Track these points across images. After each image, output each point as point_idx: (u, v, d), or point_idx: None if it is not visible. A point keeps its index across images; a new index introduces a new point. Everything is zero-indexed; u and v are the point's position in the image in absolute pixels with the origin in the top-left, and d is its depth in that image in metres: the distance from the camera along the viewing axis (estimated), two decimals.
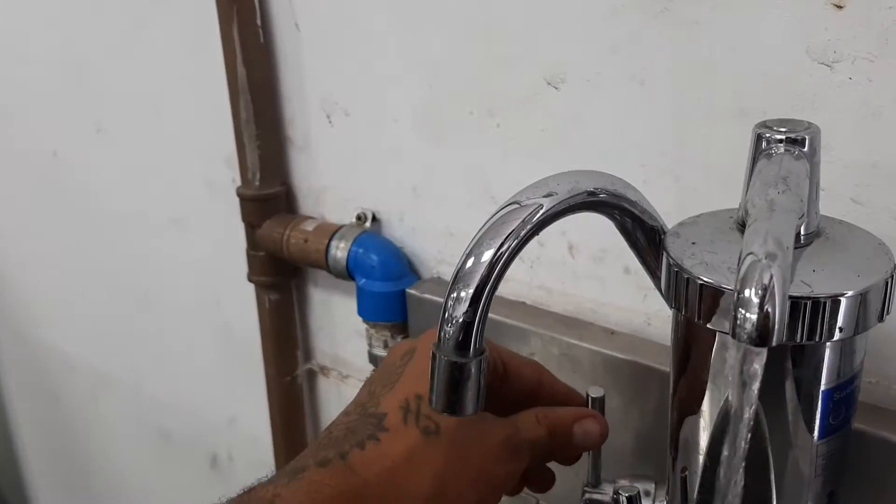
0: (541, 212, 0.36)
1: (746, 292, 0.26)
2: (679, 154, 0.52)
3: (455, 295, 0.35)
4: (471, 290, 0.35)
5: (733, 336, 0.26)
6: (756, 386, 0.26)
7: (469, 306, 0.35)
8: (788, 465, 0.38)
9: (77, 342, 1.15)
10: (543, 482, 0.47)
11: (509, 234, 0.36)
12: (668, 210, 0.44)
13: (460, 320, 0.35)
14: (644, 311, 0.58)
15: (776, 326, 0.26)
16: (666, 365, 0.54)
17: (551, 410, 0.43)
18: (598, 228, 0.58)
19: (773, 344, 0.26)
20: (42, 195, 1.08)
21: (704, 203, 0.45)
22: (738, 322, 0.26)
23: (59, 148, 1.01)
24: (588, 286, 0.60)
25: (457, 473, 0.38)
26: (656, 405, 0.55)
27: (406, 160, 0.67)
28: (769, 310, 0.26)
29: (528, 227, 0.36)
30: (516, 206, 0.37)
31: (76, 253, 1.07)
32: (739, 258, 0.27)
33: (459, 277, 0.36)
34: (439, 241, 0.68)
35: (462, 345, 0.36)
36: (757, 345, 0.26)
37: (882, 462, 0.46)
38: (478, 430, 0.40)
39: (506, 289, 0.64)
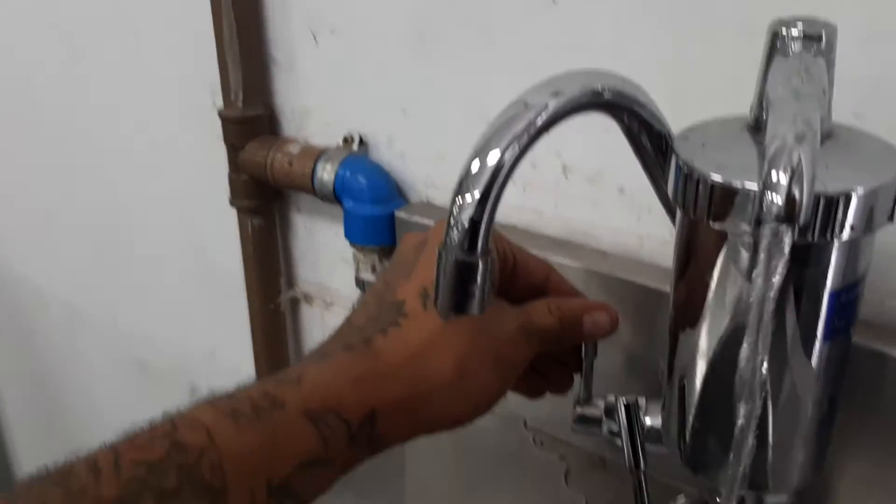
0: (547, 111, 0.35)
1: (774, 173, 0.26)
2: (680, 68, 0.52)
3: (462, 195, 0.35)
4: (478, 192, 0.35)
5: (757, 221, 0.26)
6: (781, 272, 0.26)
7: (478, 205, 0.35)
8: (791, 367, 0.38)
9: (50, 276, 1.13)
10: (562, 383, 0.49)
11: (515, 137, 0.35)
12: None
13: (468, 220, 0.35)
14: (637, 233, 0.58)
15: (804, 205, 0.25)
16: (659, 284, 0.54)
17: (563, 301, 0.44)
18: (593, 148, 0.58)
19: (801, 223, 0.25)
20: (14, 123, 1.04)
21: (708, 117, 0.44)
22: (766, 202, 0.26)
23: (33, 74, 0.97)
24: (581, 208, 0.60)
25: (477, 356, 0.39)
26: (648, 325, 0.55)
27: (395, 80, 0.66)
28: (797, 189, 0.25)
29: (535, 127, 0.35)
30: (523, 106, 0.36)
31: (49, 183, 1.04)
32: (767, 141, 0.27)
33: (466, 178, 0.35)
34: (429, 165, 0.67)
35: (470, 244, 0.35)
36: (783, 221, 0.25)
37: (873, 374, 0.47)
38: (495, 317, 0.41)
39: (497, 212, 0.64)
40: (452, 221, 0.35)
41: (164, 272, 0.95)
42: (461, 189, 0.35)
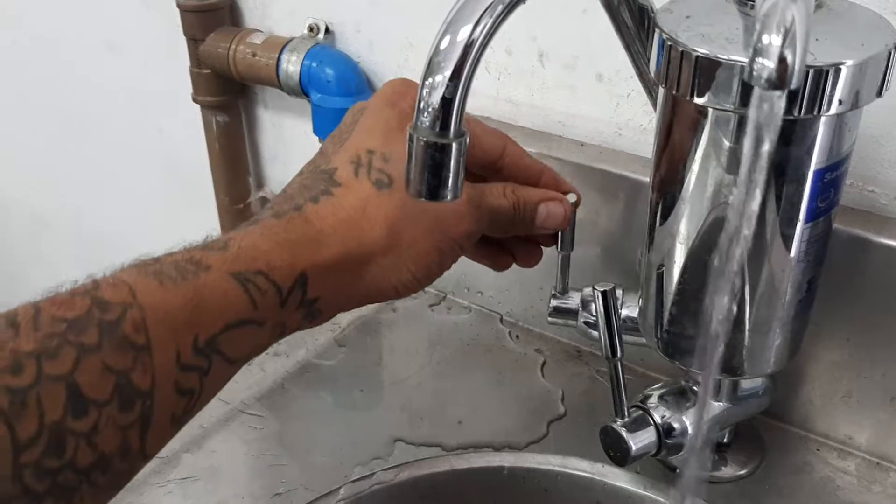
0: None
1: (766, 36, 0.24)
2: None
3: (432, 76, 0.32)
4: (449, 70, 0.32)
5: (749, 78, 0.24)
6: (773, 137, 0.24)
7: (450, 82, 0.32)
8: (772, 249, 0.37)
9: (11, 181, 1.09)
10: (529, 257, 0.47)
11: (486, 10, 0.33)
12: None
13: (439, 99, 0.33)
14: (615, 122, 0.56)
15: (796, 69, 0.24)
16: (637, 174, 0.53)
17: (521, 188, 0.42)
18: (571, 32, 0.55)
19: (792, 86, 0.24)
20: None
21: None
22: (757, 68, 0.24)
23: None
24: (558, 97, 0.58)
25: (411, 223, 0.38)
26: (625, 214, 0.54)
27: None
28: (789, 52, 0.24)
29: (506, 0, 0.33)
30: None
31: (4, 84, 0.99)
32: (757, 2, 0.25)
33: (436, 54, 0.33)
34: (399, 53, 0.64)
35: (442, 125, 0.33)
36: (774, 88, 0.24)
37: (855, 259, 0.46)
38: None
39: (471, 104, 0.61)
40: (423, 104, 0.33)
41: (129, 173, 0.92)
42: (431, 67, 0.33)
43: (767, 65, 0.24)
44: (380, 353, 0.61)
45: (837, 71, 0.32)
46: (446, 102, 0.33)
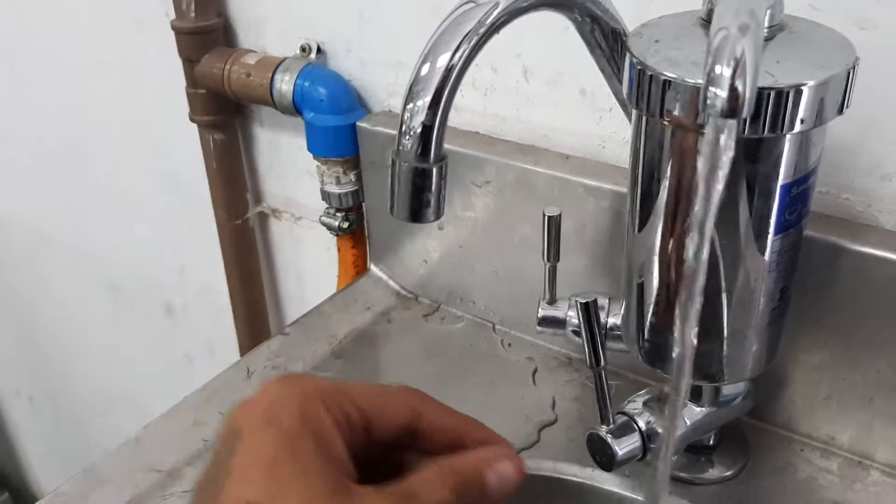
0: (498, 10, 0.35)
1: (718, 67, 0.26)
2: None
3: (413, 102, 0.34)
4: (429, 96, 0.34)
5: (703, 111, 0.26)
6: (726, 164, 0.26)
7: (429, 109, 0.34)
8: (744, 261, 0.39)
9: (12, 199, 1.11)
10: None
11: (465, 37, 0.34)
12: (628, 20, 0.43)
13: (420, 125, 0.34)
14: (598, 135, 0.57)
15: (747, 98, 0.25)
16: (620, 185, 0.55)
17: (456, 460, 0.32)
18: (553, 49, 0.57)
19: (745, 115, 0.25)
20: None
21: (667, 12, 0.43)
22: (710, 97, 0.26)
23: None
24: (542, 112, 0.59)
25: None
26: (610, 226, 0.56)
27: None
28: (740, 82, 0.25)
29: (485, 26, 0.34)
30: (472, 4, 0.35)
31: (6, 103, 1.01)
32: (711, 34, 0.26)
33: (416, 83, 0.34)
34: (390, 72, 0.66)
35: (423, 150, 0.35)
36: (727, 117, 0.25)
37: (831, 266, 0.48)
38: None
39: (459, 119, 0.63)
40: (404, 128, 0.35)
41: (128, 191, 0.94)
42: (411, 94, 0.34)
43: (720, 94, 0.25)
44: (376, 364, 0.63)
45: (798, 92, 0.33)
46: (426, 129, 0.34)
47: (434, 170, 0.35)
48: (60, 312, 1.19)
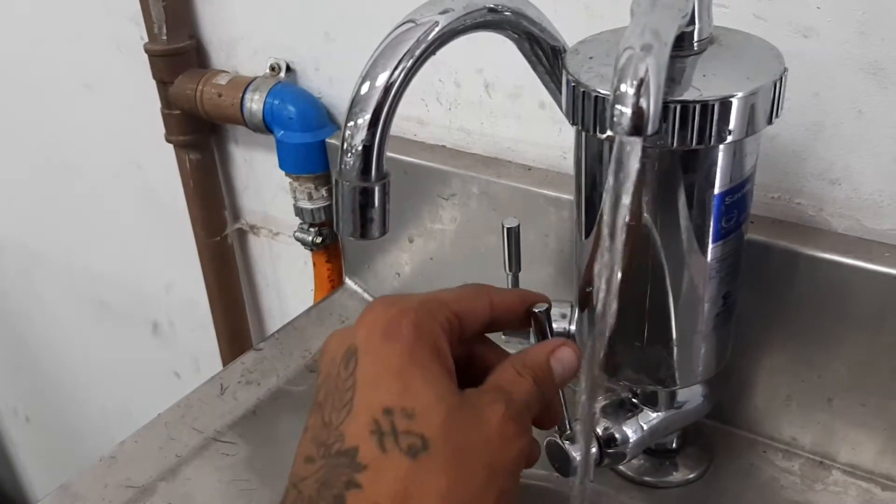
0: (437, 29, 0.36)
1: (622, 86, 0.27)
2: None
3: (353, 122, 0.35)
4: (368, 116, 0.35)
5: (611, 129, 0.27)
6: (631, 180, 0.27)
7: (368, 130, 0.35)
8: (684, 268, 0.40)
9: (2, 220, 1.13)
10: (551, 417, 0.40)
11: (404, 55, 0.35)
12: (580, 38, 0.44)
13: (359, 146, 0.35)
14: (559, 146, 0.58)
15: (651, 116, 0.26)
16: None
17: (525, 356, 0.36)
18: (512, 64, 0.57)
19: (649, 133, 0.26)
20: None
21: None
22: (616, 115, 0.27)
23: None
24: (505, 125, 0.60)
25: (465, 485, 0.31)
26: (572, 235, 0.56)
27: (316, 3, 0.65)
28: (644, 101, 0.26)
29: (424, 45, 0.35)
30: (411, 24, 0.36)
31: None
32: (617, 54, 0.27)
33: (356, 102, 0.35)
34: None
35: (364, 169, 0.36)
36: (632, 134, 0.26)
37: (786, 270, 0.48)
38: (469, 422, 0.32)
39: (426, 133, 0.64)
40: (346, 146, 0.36)
41: (113, 210, 0.95)
42: (351, 114, 0.35)
43: (625, 111, 0.26)
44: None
45: (724, 104, 0.34)
46: (366, 149, 0.35)
47: (376, 188, 0.36)
48: (54, 331, 1.20)
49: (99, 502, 0.53)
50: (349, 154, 0.36)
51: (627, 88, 0.26)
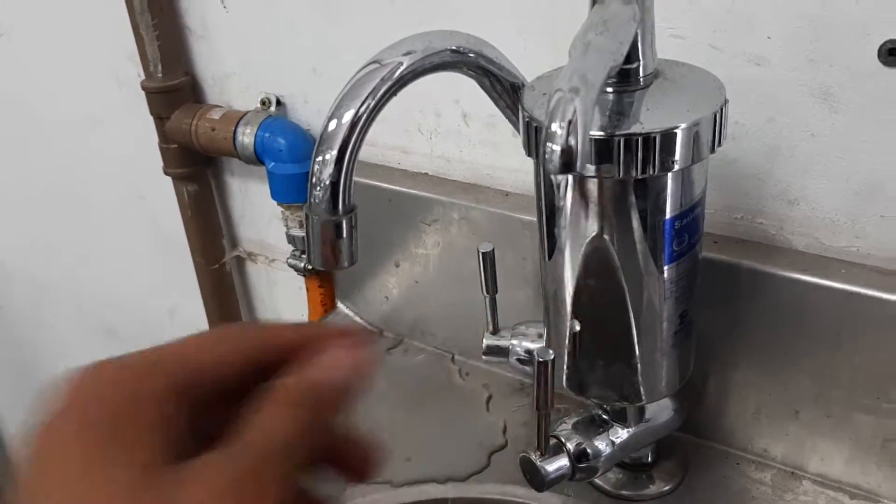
0: (400, 69, 0.38)
1: (553, 126, 0.29)
2: (553, 20, 0.54)
3: (320, 158, 0.38)
4: (334, 152, 0.37)
5: (543, 168, 0.29)
6: (567, 208, 0.29)
7: (334, 167, 0.38)
8: (641, 290, 0.42)
9: (12, 250, 1.16)
10: (359, 463, 0.30)
11: (368, 94, 0.38)
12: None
13: (327, 182, 0.38)
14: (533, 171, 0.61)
15: (579, 153, 0.29)
16: None
17: (284, 382, 0.26)
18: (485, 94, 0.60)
19: (577, 171, 0.29)
20: None
21: None
22: (547, 154, 0.29)
23: None
24: (483, 152, 0.63)
25: None
26: None
27: (303, 40, 0.68)
28: (572, 139, 0.29)
29: (388, 84, 0.38)
30: (376, 65, 0.38)
31: (2, 158, 1.06)
32: (549, 95, 0.30)
33: (323, 140, 0.38)
34: None
35: (332, 203, 0.38)
36: (562, 172, 0.29)
37: (749, 288, 0.50)
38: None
39: (409, 162, 0.67)
40: (315, 180, 0.38)
41: (118, 239, 0.98)
42: (319, 150, 0.37)
43: (555, 149, 0.29)
44: None
45: (666, 136, 0.37)
46: (333, 185, 0.38)
47: (344, 221, 0.38)
48: (62, 359, 1.23)
49: None
50: (317, 188, 0.38)
51: (557, 128, 0.29)
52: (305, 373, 0.27)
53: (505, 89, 0.43)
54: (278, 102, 0.72)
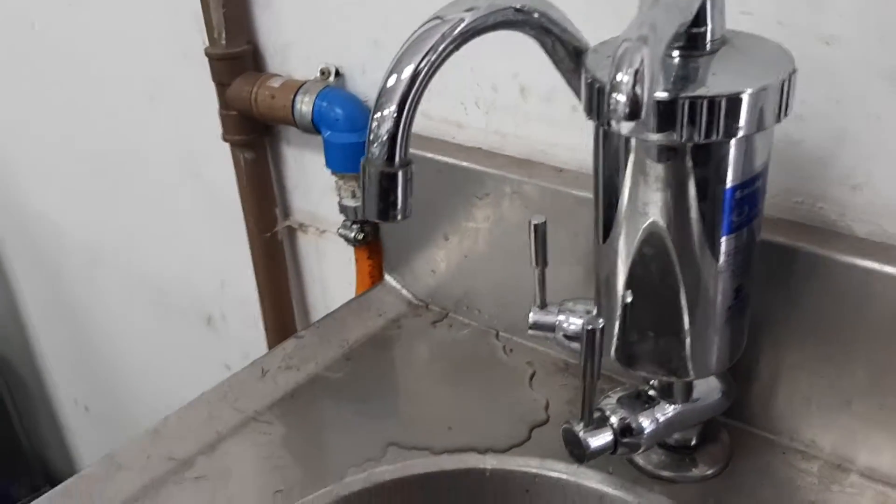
0: (462, 25, 0.38)
1: (619, 75, 0.29)
2: None
3: (380, 111, 0.38)
4: (394, 106, 0.38)
5: (609, 116, 0.29)
6: (630, 163, 0.29)
7: (393, 120, 0.38)
8: (697, 260, 0.41)
9: (69, 215, 1.19)
10: None
11: (429, 49, 0.38)
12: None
13: (385, 134, 0.38)
14: (589, 148, 0.59)
15: (645, 102, 0.28)
16: None
17: None
18: (547, 67, 0.60)
19: (642, 118, 0.28)
20: (25, 67, 1.09)
21: None
22: (612, 104, 0.29)
23: (38, 20, 1.02)
24: (539, 127, 0.62)
25: None
26: None
27: (365, 12, 0.68)
28: (638, 88, 0.28)
29: (448, 40, 0.38)
30: (438, 21, 0.38)
31: (60, 125, 1.09)
32: (616, 45, 0.30)
33: (382, 94, 0.38)
34: None
35: (389, 156, 0.38)
36: (627, 119, 0.28)
37: (807, 272, 0.49)
38: None
39: (463, 136, 0.67)
40: (372, 136, 0.38)
41: (173, 208, 1.00)
42: (378, 104, 0.38)
43: (620, 99, 0.29)
44: (382, 367, 0.66)
45: (732, 101, 0.36)
46: (391, 138, 0.38)
47: (399, 173, 0.39)
48: (114, 325, 1.26)
49: (141, 472, 0.56)
50: (375, 143, 0.38)
51: (624, 77, 0.28)
52: None
53: (568, 53, 0.43)
54: (337, 73, 0.72)
